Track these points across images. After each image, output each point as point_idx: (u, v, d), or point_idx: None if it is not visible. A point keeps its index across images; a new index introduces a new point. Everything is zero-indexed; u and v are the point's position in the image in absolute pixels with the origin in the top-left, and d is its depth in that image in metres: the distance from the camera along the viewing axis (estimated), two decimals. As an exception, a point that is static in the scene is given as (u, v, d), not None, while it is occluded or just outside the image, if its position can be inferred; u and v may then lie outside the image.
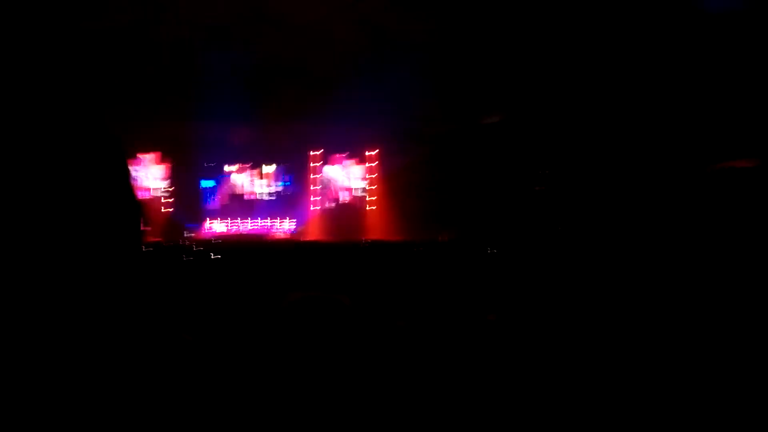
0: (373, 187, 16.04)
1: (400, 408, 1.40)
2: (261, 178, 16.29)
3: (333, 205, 16.20)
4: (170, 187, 15.15)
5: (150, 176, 14.85)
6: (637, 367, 1.81)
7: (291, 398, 1.30)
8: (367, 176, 16.14)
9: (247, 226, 15.81)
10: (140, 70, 11.45)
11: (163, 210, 14.79)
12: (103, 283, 0.74)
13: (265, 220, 15.88)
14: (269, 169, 16.29)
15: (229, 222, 15.78)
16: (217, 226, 15.64)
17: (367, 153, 16.07)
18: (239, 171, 16.23)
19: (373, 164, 16.07)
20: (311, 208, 16.05)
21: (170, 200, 15.09)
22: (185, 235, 14.51)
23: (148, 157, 14.84)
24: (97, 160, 0.77)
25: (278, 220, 15.88)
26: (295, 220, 15.90)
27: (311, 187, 16.09)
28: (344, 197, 16.25)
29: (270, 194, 16.25)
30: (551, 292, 3.06)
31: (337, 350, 1.45)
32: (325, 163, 16.25)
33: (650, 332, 2.23)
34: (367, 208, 16.06)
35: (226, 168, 16.11)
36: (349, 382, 1.38)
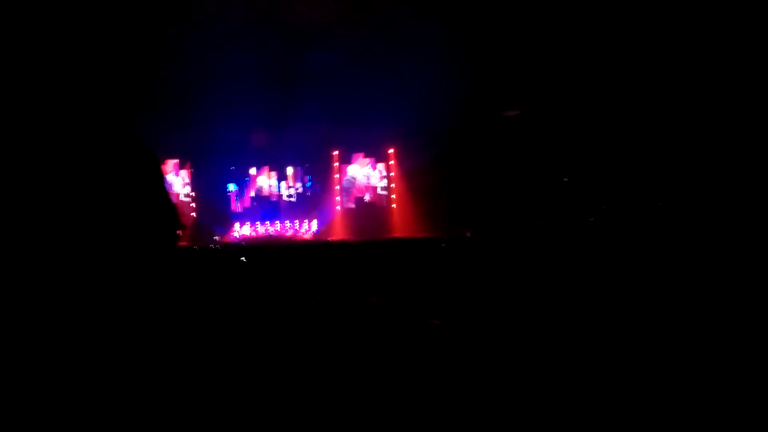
0: (394, 185, 16.03)
1: (439, 410, 1.39)
2: (283, 179, 16.42)
3: (355, 204, 16.24)
4: (193, 191, 15.37)
5: (175, 182, 15.09)
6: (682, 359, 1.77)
7: (319, 401, 1.30)
8: (388, 174, 16.14)
9: (273, 227, 15.95)
10: (158, 78, 11.60)
11: (189, 215, 15.02)
12: (139, 283, 0.76)
13: (290, 222, 16.00)
14: (290, 170, 16.41)
15: (255, 224, 15.95)
16: (243, 229, 15.82)
17: (387, 151, 16.06)
18: (262, 174, 16.39)
19: (393, 162, 16.07)
20: (334, 208, 16.12)
21: (194, 205, 15.31)
22: (213, 238, 14.72)
23: (171, 163, 15.08)
24: (135, 171, 0.78)
25: (302, 221, 15.99)
26: (318, 221, 15.98)
27: (333, 187, 16.15)
28: (366, 196, 16.27)
29: (293, 196, 16.37)
30: (585, 286, 3.01)
31: (367, 352, 1.44)
32: (346, 162, 16.29)
33: (693, 324, 2.18)
34: (390, 206, 16.07)
35: (250, 171, 16.29)
36: (380, 384, 1.37)
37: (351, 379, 1.36)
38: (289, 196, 16.36)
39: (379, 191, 16.23)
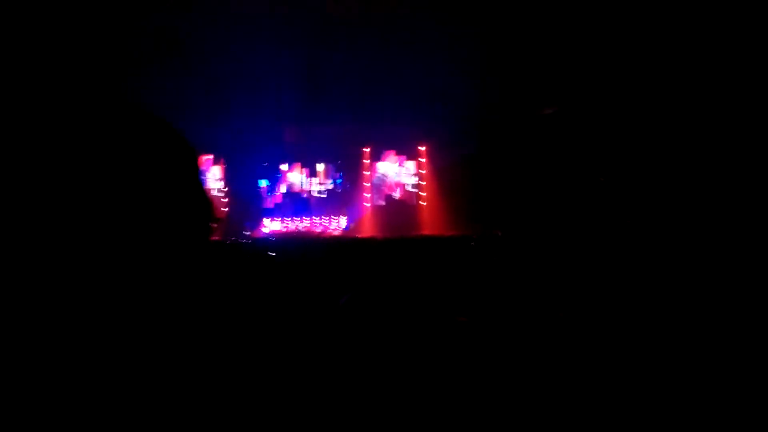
0: (424, 183, 15.98)
1: (461, 406, 1.38)
2: (314, 176, 16.56)
3: (385, 201, 16.26)
4: (225, 187, 15.65)
5: (208, 177, 15.40)
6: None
7: (348, 395, 1.31)
8: (418, 172, 16.10)
9: (303, 223, 16.13)
10: (194, 75, 11.84)
11: (222, 209, 15.33)
12: (171, 275, 0.78)
13: (320, 218, 16.14)
14: (321, 167, 16.53)
15: (286, 220, 16.14)
16: (274, 225, 16.03)
17: (418, 148, 16.02)
18: (293, 170, 16.57)
19: (424, 160, 16.01)
20: (364, 205, 16.17)
21: (227, 200, 15.59)
22: (244, 233, 14.98)
23: (205, 159, 15.38)
24: (174, 164, 0.80)
25: (332, 218, 16.10)
26: (347, 217, 16.07)
27: (363, 184, 16.20)
28: (396, 193, 16.27)
29: (323, 192, 16.49)
30: (614, 290, 2.94)
31: (397, 347, 1.45)
32: (376, 160, 16.32)
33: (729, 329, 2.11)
34: (420, 204, 16.03)
35: (281, 167, 16.49)
36: (408, 379, 1.37)
37: (380, 374, 1.37)
38: (320, 192, 16.50)
39: (409, 189, 16.21)
